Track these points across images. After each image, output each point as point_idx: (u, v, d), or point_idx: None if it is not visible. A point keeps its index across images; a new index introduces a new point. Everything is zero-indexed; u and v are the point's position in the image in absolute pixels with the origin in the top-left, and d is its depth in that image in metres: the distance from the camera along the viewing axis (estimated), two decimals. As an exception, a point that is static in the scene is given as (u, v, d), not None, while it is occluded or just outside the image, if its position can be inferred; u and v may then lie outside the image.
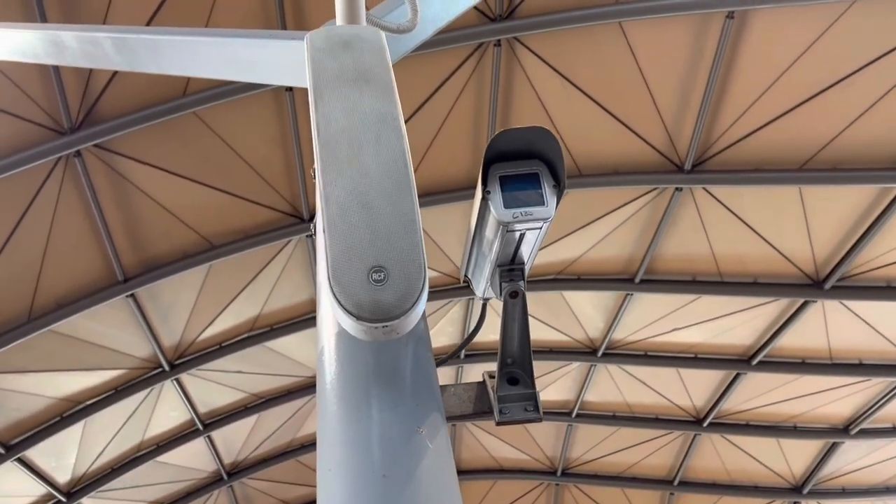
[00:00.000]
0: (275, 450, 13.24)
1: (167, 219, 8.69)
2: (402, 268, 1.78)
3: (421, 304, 1.78)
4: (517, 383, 2.48)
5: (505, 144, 2.19)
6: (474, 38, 7.78)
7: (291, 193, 9.01)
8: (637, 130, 8.46)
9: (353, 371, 2.09)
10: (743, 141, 8.28)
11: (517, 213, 2.12)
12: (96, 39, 3.59)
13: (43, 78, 7.24)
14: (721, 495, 14.25)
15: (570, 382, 12.67)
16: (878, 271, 9.32)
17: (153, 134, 7.96)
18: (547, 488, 15.30)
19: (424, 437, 1.96)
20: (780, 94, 7.84)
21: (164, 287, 9.24)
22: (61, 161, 7.79)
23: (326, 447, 2.03)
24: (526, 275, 2.36)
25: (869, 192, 8.46)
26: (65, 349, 9.38)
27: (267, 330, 10.56)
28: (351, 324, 1.77)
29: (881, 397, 11.55)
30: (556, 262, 10.16)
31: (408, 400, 2.05)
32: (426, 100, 8.23)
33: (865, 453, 12.94)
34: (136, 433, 11.22)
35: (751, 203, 8.96)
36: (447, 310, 11.05)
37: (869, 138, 7.95)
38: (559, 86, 8.16)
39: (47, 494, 10.96)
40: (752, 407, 12.38)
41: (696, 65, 7.81)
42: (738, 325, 10.71)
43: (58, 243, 8.34)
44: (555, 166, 2.19)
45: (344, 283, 1.76)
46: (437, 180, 8.97)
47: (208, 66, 3.43)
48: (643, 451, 13.94)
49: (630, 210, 9.35)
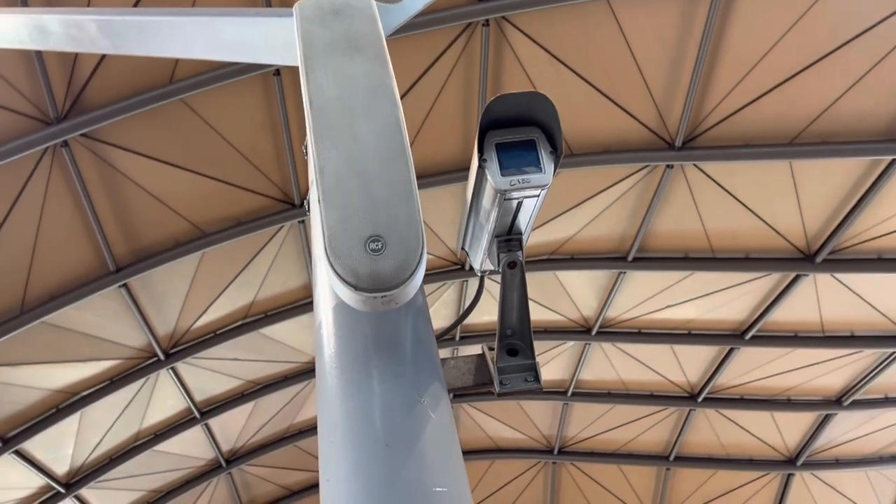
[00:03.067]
0: (273, 436, 13.26)
1: (158, 207, 8.64)
2: (399, 237, 1.77)
3: (420, 272, 1.77)
4: (517, 354, 2.47)
5: (501, 110, 2.16)
6: (462, 18, 7.72)
7: (282, 179, 8.97)
8: (627, 108, 8.44)
9: (352, 343, 2.08)
10: (732, 117, 8.27)
11: (514, 181, 2.10)
12: (81, 23, 3.54)
13: (27, 67, 7.15)
14: (716, 469, 14.37)
15: (565, 361, 12.72)
16: (868, 244, 9.36)
17: (141, 122, 7.89)
18: (544, 467, 15.40)
19: (426, 407, 1.95)
20: (769, 69, 7.83)
21: (157, 276, 9.21)
22: (48, 151, 7.72)
23: (327, 420, 2.02)
24: (524, 245, 2.34)
25: (858, 164, 8.48)
26: (59, 341, 9.34)
27: (261, 317, 10.55)
28: (349, 294, 1.76)
29: (873, 368, 11.65)
30: (549, 242, 10.17)
31: (408, 370, 2.04)
32: (415, 81, 8.18)
33: (858, 424, 13.07)
34: (133, 423, 11.21)
35: (742, 179, 8.97)
36: (441, 293, 11.05)
37: (858, 111, 7.96)
38: (548, 64, 8.12)
39: (46, 486, 10.95)
40: (746, 381, 12.47)
41: (686, 41, 7.78)
42: (730, 301, 10.76)
43: (48, 235, 8.28)
44: (552, 132, 2.17)
45: (341, 253, 1.75)
46: (428, 162, 8.94)
47: (196, 47, 3.39)
48: (639, 428, 14.03)
49: (622, 188, 9.35)
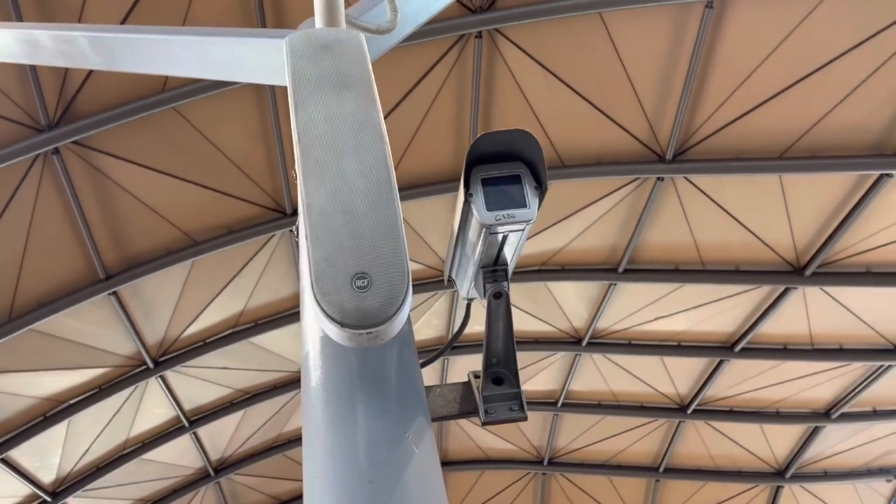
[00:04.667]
0: (261, 445, 13.21)
1: (148, 215, 8.60)
2: (385, 273, 1.78)
3: (405, 309, 1.78)
4: (502, 383, 2.48)
5: (486, 147, 2.19)
6: (455, 30, 7.75)
7: (273, 188, 8.95)
8: (619, 121, 8.47)
9: (337, 377, 2.08)
10: (723, 130, 8.32)
11: (500, 216, 2.12)
12: (73, 39, 3.54)
13: (19, 74, 7.12)
14: (706, 481, 14.41)
15: (555, 372, 12.72)
16: (857, 257, 9.42)
17: (132, 130, 7.86)
18: (534, 478, 15.39)
19: (410, 442, 1.95)
20: (760, 82, 7.88)
21: (147, 284, 9.17)
22: (39, 158, 7.69)
23: (312, 454, 2.02)
24: (509, 275, 2.36)
25: (848, 179, 8.54)
26: (47, 348, 9.28)
27: (251, 325, 10.51)
28: (335, 331, 1.76)
29: (861, 381, 11.71)
30: (540, 253, 10.19)
31: (393, 405, 2.04)
32: (408, 92, 8.19)
33: (847, 436, 13.13)
34: (121, 431, 11.15)
35: (732, 192, 9.02)
36: (432, 303, 11.05)
37: (847, 126, 8.01)
38: (541, 76, 8.15)
39: (32, 495, 10.88)
40: (736, 393, 12.51)
41: (677, 55, 7.83)
42: (720, 313, 10.81)
43: (38, 242, 8.24)
44: (536, 168, 2.20)
45: (327, 290, 1.75)
46: (420, 172, 8.95)
47: (187, 66, 3.40)
48: (628, 439, 14.05)
49: (612, 200, 9.38)
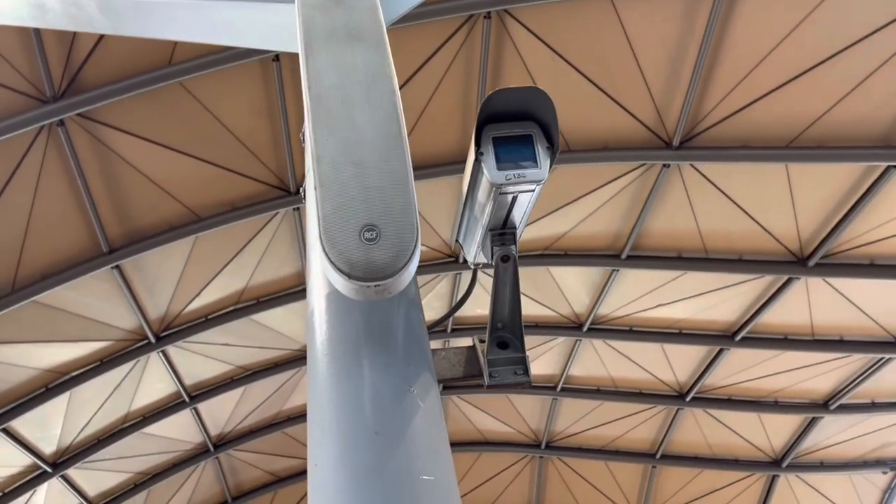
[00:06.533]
0: (261, 422, 13.28)
1: (152, 190, 8.60)
2: (394, 226, 1.77)
3: (413, 263, 1.78)
4: (507, 347, 2.49)
5: (499, 104, 2.17)
6: (464, 10, 7.69)
7: (278, 166, 8.95)
8: (626, 106, 8.43)
9: (344, 331, 2.08)
10: (731, 118, 8.28)
11: (510, 175, 2.10)
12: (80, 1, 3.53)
13: (25, 45, 7.10)
14: (702, 468, 14.46)
15: (555, 357, 12.76)
16: (861, 249, 9.40)
17: (138, 103, 7.84)
18: (531, 461, 15.46)
19: (416, 396, 1.96)
20: (768, 71, 7.84)
21: (150, 259, 9.18)
22: (44, 130, 7.68)
23: (317, 406, 2.03)
24: (518, 239, 2.35)
25: (854, 170, 8.51)
26: (49, 320, 9.31)
27: (253, 303, 10.54)
28: (342, 283, 1.76)
29: (861, 373, 11.72)
30: (543, 238, 10.18)
31: (399, 360, 2.05)
32: (415, 72, 8.16)
33: (844, 428, 13.16)
34: (122, 405, 11.20)
35: (737, 180, 8.99)
36: (434, 284, 11.05)
37: (855, 117, 7.98)
38: (549, 60, 8.10)
39: (33, 465, 10.95)
40: (735, 382, 12.53)
41: (686, 41, 7.78)
42: (722, 302, 10.80)
43: (41, 214, 8.24)
44: (549, 127, 2.17)
45: (336, 241, 1.75)
46: (426, 154, 8.92)
47: (194, 30, 3.38)
48: (626, 425, 14.10)
49: (617, 186, 9.36)
